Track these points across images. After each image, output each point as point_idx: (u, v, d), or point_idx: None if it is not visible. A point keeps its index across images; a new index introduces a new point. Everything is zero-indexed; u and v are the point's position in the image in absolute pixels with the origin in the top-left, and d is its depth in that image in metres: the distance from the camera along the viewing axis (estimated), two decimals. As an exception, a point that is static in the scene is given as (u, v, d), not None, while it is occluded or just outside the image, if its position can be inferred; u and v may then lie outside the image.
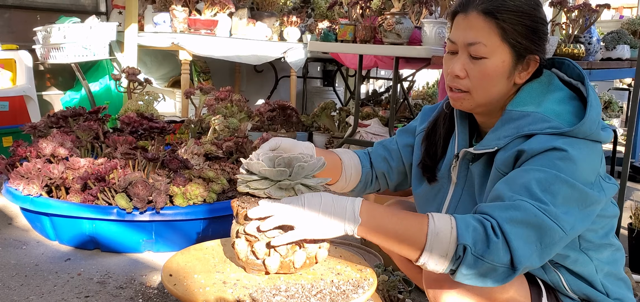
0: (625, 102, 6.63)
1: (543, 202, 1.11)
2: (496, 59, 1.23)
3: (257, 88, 6.09)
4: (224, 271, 1.38)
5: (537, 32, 1.25)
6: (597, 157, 1.21)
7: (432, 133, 1.46)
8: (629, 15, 10.09)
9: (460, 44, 1.26)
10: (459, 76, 1.27)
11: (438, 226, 1.10)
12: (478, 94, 1.27)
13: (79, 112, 3.08)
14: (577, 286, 1.29)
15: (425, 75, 7.29)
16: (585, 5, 3.80)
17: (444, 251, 1.09)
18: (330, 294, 1.26)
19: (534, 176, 1.14)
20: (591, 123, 1.19)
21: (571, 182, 1.13)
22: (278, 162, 1.25)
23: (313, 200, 1.18)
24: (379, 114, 4.72)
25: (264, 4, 5.25)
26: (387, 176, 1.57)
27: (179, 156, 2.71)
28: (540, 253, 1.11)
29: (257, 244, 1.28)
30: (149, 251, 2.48)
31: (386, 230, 1.14)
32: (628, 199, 3.66)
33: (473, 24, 1.24)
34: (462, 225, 1.09)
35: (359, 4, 3.92)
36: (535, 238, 1.10)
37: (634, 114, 2.67)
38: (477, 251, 1.07)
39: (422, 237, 1.11)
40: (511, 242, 1.07)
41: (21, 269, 2.25)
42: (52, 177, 2.47)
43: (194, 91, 3.57)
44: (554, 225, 1.10)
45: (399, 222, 1.14)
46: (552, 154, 1.15)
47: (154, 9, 4.50)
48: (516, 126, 1.23)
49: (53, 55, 3.93)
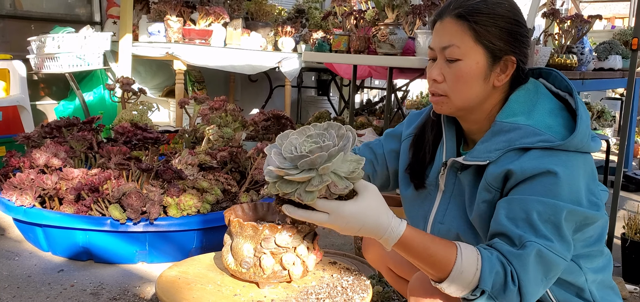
0: (618, 111, 6.67)
1: (548, 239, 1.14)
2: (470, 60, 1.25)
3: (251, 98, 6.09)
4: (221, 283, 1.38)
5: (513, 34, 1.26)
6: (588, 168, 1.23)
7: (420, 139, 1.47)
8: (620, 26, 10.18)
9: (437, 49, 1.30)
10: (436, 80, 1.30)
11: (464, 264, 1.13)
12: (455, 97, 1.29)
13: (73, 122, 3.07)
14: (564, 296, 1.29)
15: (419, 85, 7.31)
16: (577, 15, 3.84)
17: (464, 287, 1.14)
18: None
19: (534, 207, 1.16)
20: (582, 136, 1.20)
21: (570, 209, 1.16)
22: (301, 165, 1.07)
23: (353, 219, 1.11)
24: (373, 124, 4.73)
25: (258, 14, 5.26)
26: (371, 178, 1.58)
27: (173, 166, 2.70)
28: (545, 285, 1.17)
29: (285, 255, 1.29)
30: (143, 262, 2.47)
31: (417, 254, 1.16)
32: (621, 208, 3.67)
33: (447, 29, 1.27)
34: (487, 269, 1.12)
35: (353, 15, 3.93)
36: (542, 275, 1.15)
37: (627, 123, 2.69)
38: (493, 293, 1.13)
39: (447, 269, 1.14)
40: (523, 287, 1.13)
41: (13, 281, 2.24)
42: (46, 187, 2.46)
43: (189, 101, 3.57)
44: (559, 259, 1.15)
45: (434, 250, 1.16)
46: (546, 180, 1.17)
47: (149, 19, 4.50)
48: (507, 139, 1.23)
49: (47, 65, 3.92)
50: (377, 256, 1.64)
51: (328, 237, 2.92)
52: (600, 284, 1.33)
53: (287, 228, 1.30)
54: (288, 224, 1.31)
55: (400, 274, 1.60)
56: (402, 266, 1.57)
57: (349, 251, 2.70)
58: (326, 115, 4.91)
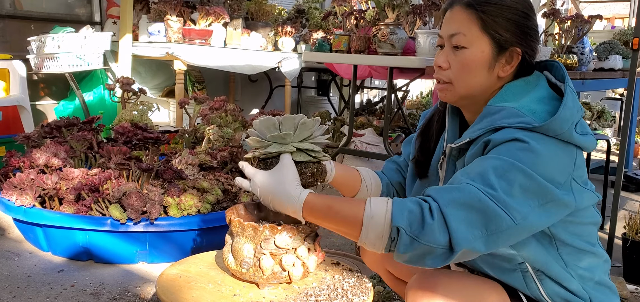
0: (618, 111, 6.67)
1: (493, 188, 1.11)
2: (475, 49, 1.27)
3: (251, 98, 6.09)
4: (222, 283, 1.37)
5: (520, 26, 1.27)
6: (568, 159, 1.19)
7: (427, 129, 1.49)
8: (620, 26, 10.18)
9: (444, 37, 1.32)
10: (441, 67, 1.32)
11: (374, 209, 1.14)
12: (459, 85, 1.30)
13: (73, 122, 3.07)
14: (554, 290, 1.28)
15: (419, 85, 7.32)
16: (577, 16, 3.84)
17: (380, 233, 1.13)
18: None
19: (490, 163, 1.15)
20: (562, 121, 1.18)
21: (528, 173, 1.12)
22: (271, 124, 1.31)
23: (266, 186, 1.26)
24: (374, 124, 4.73)
25: (258, 14, 5.26)
26: (404, 185, 1.60)
27: (173, 166, 2.70)
28: (485, 239, 1.11)
29: (285, 256, 1.29)
30: (143, 262, 2.47)
31: (326, 221, 1.21)
32: (621, 208, 3.67)
33: (456, 17, 1.29)
34: (397, 208, 1.13)
35: (354, 15, 3.93)
36: (479, 223, 1.10)
37: (627, 123, 2.69)
38: (412, 232, 1.10)
39: (358, 221, 1.15)
40: (450, 223, 1.09)
41: (14, 281, 2.24)
42: (46, 187, 2.46)
43: (189, 101, 3.57)
44: (501, 211, 1.10)
45: (338, 211, 1.19)
46: (513, 145, 1.16)
47: (149, 19, 4.50)
48: (490, 120, 1.24)
49: (47, 65, 3.92)
50: (375, 258, 1.64)
51: (329, 237, 2.92)
52: (594, 282, 1.31)
53: (287, 229, 1.30)
54: (288, 225, 1.31)
55: (399, 276, 1.60)
56: (401, 268, 1.57)
57: (349, 251, 2.70)
58: (326, 115, 4.91)
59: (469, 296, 1.25)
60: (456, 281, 1.28)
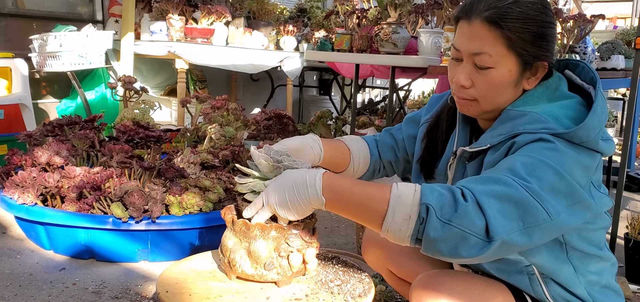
0: (620, 111, 6.66)
1: (527, 180, 1.05)
2: (502, 68, 1.20)
3: (253, 97, 6.09)
4: (223, 280, 1.37)
5: (545, 37, 1.22)
6: (591, 164, 1.16)
7: (434, 129, 1.44)
8: (622, 26, 10.16)
9: (465, 53, 1.23)
10: (464, 86, 1.25)
11: (401, 190, 1.06)
12: (485, 103, 1.24)
13: (75, 120, 3.07)
14: (558, 293, 1.27)
15: (421, 85, 7.31)
16: (580, 15, 3.83)
17: (407, 213, 1.03)
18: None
19: (519, 159, 1.10)
20: (589, 129, 1.14)
21: (558, 171, 1.08)
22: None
23: (278, 188, 1.17)
24: (375, 123, 4.73)
25: (260, 13, 5.26)
26: (394, 165, 1.57)
27: (175, 165, 2.70)
28: (522, 231, 1.03)
29: (286, 250, 1.29)
30: (145, 261, 2.47)
31: (348, 201, 1.11)
32: (624, 208, 3.66)
33: (477, 34, 1.20)
34: (427, 188, 1.05)
35: (356, 14, 3.93)
36: (516, 215, 1.03)
37: (630, 123, 2.68)
38: (443, 215, 1.01)
39: (385, 201, 1.06)
40: (486, 210, 1.01)
41: (15, 279, 2.24)
42: (48, 186, 2.46)
43: (190, 100, 3.56)
44: (537, 204, 1.04)
45: (362, 190, 1.10)
46: (539, 144, 1.12)
47: (151, 18, 4.50)
48: (512, 125, 1.20)
49: (49, 63, 3.92)
50: (376, 257, 1.63)
51: (330, 237, 2.92)
52: (600, 286, 1.30)
53: (299, 225, 1.30)
54: (277, 223, 1.30)
55: (401, 276, 1.60)
56: (403, 267, 1.56)
57: (351, 250, 2.70)
58: (328, 114, 4.90)
59: (474, 297, 1.23)
60: (461, 281, 1.27)
